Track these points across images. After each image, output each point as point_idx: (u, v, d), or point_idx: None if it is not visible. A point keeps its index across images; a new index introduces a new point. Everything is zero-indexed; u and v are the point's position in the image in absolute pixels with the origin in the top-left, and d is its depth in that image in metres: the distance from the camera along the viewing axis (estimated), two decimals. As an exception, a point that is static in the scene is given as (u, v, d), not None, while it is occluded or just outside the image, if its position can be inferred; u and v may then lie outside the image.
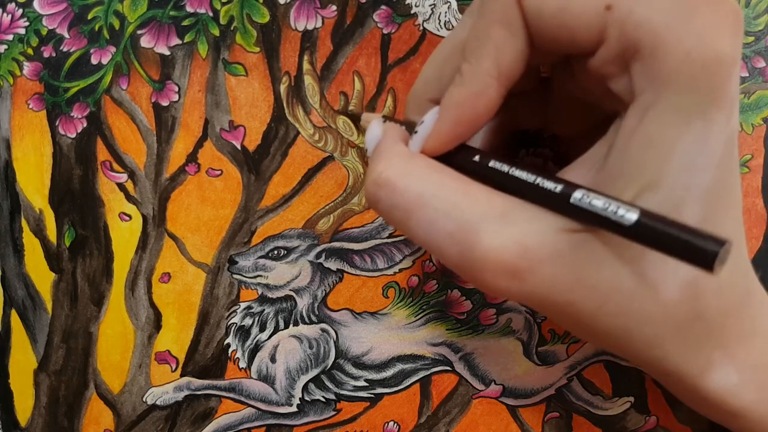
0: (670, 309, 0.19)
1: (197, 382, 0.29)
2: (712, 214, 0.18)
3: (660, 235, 0.16)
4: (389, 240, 0.29)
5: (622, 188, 0.18)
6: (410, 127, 0.22)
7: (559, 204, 0.18)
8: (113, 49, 0.28)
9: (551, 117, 0.25)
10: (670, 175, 0.18)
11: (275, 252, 0.29)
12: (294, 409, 0.29)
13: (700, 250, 0.15)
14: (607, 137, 0.20)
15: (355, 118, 0.28)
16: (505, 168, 0.20)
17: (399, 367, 0.29)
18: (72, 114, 0.28)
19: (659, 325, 0.19)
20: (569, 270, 0.18)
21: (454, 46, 0.22)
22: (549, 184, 0.19)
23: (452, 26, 0.28)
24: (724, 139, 0.18)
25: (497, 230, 0.19)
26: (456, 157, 0.21)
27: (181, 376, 0.29)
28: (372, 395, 0.29)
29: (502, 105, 0.21)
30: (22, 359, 0.29)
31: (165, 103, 0.28)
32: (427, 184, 0.20)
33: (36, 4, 0.28)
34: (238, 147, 0.29)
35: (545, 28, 0.19)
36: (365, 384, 0.29)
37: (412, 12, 0.28)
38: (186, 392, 0.29)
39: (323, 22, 0.28)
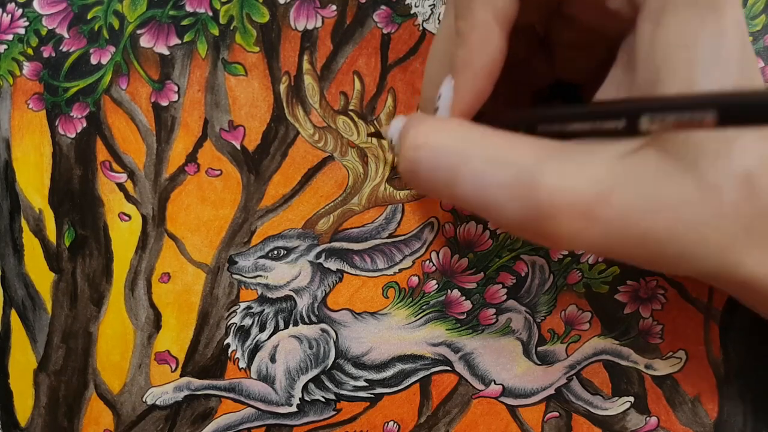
0: (735, 210, 0.18)
1: (197, 382, 0.29)
2: None
3: (746, 106, 0.15)
4: (389, 240, 0.29)
5: (661, 94, 0.18)
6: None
7: (626, 129, 0.17)
8: (113, 49, 0.28)
9: (559, 68, 0.25)
10: (702, 70, 0.17)
11: (275, 252, 0.29)
12: (294, 409, 0.29)
13: None
14: (618, 61, 0.19)
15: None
16: (549, 111, 0.19)
17: (399, 367, 0.29)
18: (72, 114, 0.28)
19: (729, 228, 0.18)
20: (641, 193, 0.17)
21: (447, 32, 0.21)
22: (610, 108, 0.17)
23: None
24: (739, 29, 0.18)
25: (559, 169, 0.17)
26: (485, 119, 0.20)
27: (181, 376, 0.29)
28: (372, 395, 0.29)
29: (511, 71, 0.20)
30: (22, 359, 0.29)
31: (164, 103, 0.28)
32: (468, 138, 0.19)
33: (36, 4, 0.28)
34: (238, 147, 0.29)
35: None
36: (365, 384, 0.29)
37: (412, 12, 0.28)
38: (186, 392, 0.29)
39: (323, 22, 0.28)
